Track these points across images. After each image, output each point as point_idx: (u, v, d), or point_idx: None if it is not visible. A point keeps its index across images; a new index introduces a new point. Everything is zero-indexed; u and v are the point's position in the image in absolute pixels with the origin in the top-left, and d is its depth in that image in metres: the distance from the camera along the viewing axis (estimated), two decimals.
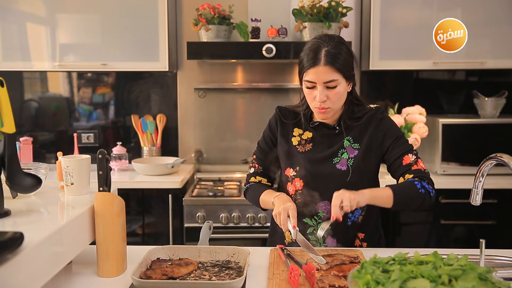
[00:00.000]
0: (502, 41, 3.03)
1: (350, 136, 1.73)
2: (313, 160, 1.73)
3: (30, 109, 3.45)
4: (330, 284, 1.33)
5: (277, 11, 3.12)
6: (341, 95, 1.67)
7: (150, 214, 2.96)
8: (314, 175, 1.72)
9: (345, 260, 1.51)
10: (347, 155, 1.71)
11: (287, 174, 1.77)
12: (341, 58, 1.63)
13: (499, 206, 2.84)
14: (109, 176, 1.45)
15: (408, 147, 1.72)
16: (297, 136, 1.79)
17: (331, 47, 1.63)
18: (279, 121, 1.82)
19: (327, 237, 1.73)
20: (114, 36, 3.07)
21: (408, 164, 1.68)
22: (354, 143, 1.73)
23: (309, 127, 1.78)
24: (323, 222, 1.60)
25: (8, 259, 0.98)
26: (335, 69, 1.62)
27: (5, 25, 3.07)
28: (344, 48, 1.66)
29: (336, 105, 1.68)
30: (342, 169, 1.70)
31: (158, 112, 3.38)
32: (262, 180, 1.86)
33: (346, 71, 1.64)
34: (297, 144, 1.78)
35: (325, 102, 1.64)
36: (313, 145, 1.76)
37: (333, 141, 1.74)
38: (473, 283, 0.94)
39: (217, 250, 1.56)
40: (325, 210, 1.70)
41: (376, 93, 3.36)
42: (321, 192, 1.70)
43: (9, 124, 1.23)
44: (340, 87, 1.64)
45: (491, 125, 3.00)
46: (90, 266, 1.51)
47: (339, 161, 1.72)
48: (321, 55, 1.62)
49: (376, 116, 1.75)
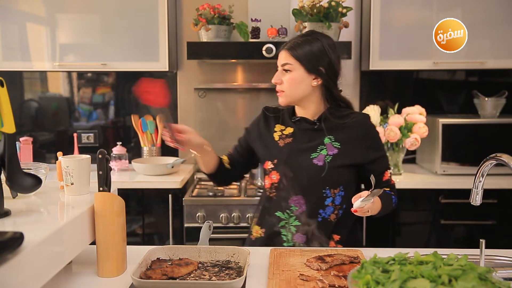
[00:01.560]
0: (502, 41, 3.03)
1: (332, 135, 1.78)
2: (291, 152, 1.79)
3: (30, 109, 3.45)
4: (330, 284, 1.33)
5: (277, 11, 3.12)
6: (296, 82, 1.75)
7: (150, 214, 2.96)
8: (290, 166, 1.77)
9: (345, 260, 1.51)
10: (326, 151, 1.76)
11: (265, 168, 1.83)
12: (305, 49, 1.74)
13: (499, 206, 2.84)
14: (109, 176, 1.45)
15: (388, 164, 1.86)
16: (279, 131, 1.85)
17: (301, 38, 1.77)
18: (263, 118, 1.91)
19: (296, 234, 1.76)
20: (114, 36, 3.07)
21: (387, 180, 1.82)
22: (335, 142, 1.77)
23: (291, 122, 1.85)
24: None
25: (8, 259, 0.98)
26: (292, 55, 1.74)
27: (5, 25, 3.07)
28: (317, 43, 1.75)
29: (290, 91, 1.76)
30: (318, 164, 1.74)
31: (158, 112, 3.38)
32: (224, 159, 1.95)
33: (306, 61, 1.73)
34: (278, 139, 1.84)
35: (281, 86, 1.77)
36: (293, 139, 1.82)
37: (313, 136, 1.80)
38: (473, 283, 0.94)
39: (217, 250, 1.56)
40: (298, 204, 1.75)
41: (376, 93, 3.36)
42: (295, 186, 1.75)
43: (9, 124, 1.23)
44: (295, 73, 1.74)
45: (491, 125, 3.00)
46: (90, 266, 1.51)
47: (316, 157, 1.76)
48: (288, 43, 1.78)
49: (365, 123, 1.82)
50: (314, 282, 1.36)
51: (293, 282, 1.37)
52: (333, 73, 1.78)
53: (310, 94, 1.78)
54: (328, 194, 1.75)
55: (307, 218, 1.74)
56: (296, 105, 1.84)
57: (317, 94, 1.79)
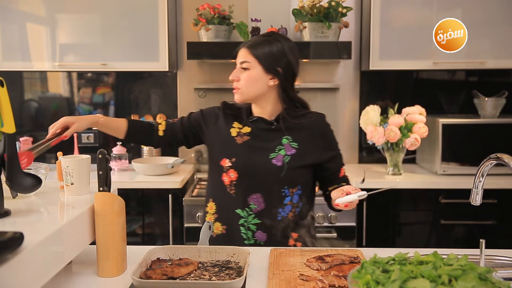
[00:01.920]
0: (502, 41, 3.03)
1: (290, 135, 1.81)
2: (250, 152, 1.80)
3: (30, 109, 3.45)
4: (330, 284, 1.33)
5: (277, 11, 3.12)
6: (252, 80, 1.78)
7: (150, 214, 2.96)
8: (249, 167, 1.78)
9: (345, 260, 1.51)
10: (284, 151, 1.79)
11: (222, 165, 1.82)
12: (264, 48, 1.76)
13: (499, 206, 2.84)
14: (109, 176, 1.45)
15: (342, 160, 1.90)
16: (236, 128, 1.86)
17: (261, 37, 1.80)
18: (223, 113, 1.91)
19: (257, 232, 1.78)
20: (114, 36, 3.07)
21: (343, 176, 1.88)
22: (293, 142, 1.80)
23: (248, 122, 1.86)
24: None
25: (8, 259, 0.98)
26: (250, 53, 1.77)
27: (5, 25, 3.07)
28: (277, 44, 1.78)
29: (247, 88, 1.79)
30: (277, 165, 1.77)
31: (158, 112, 3.38)
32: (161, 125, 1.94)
33: (264, 60, 1.76)
34: (235, 135, 1.84)
35: (238, 83, 1.80)
36: (251, 138, 1.82)
37: (271, 136, 1.82)
38: (473, 283, 0.94)
39: (217, 250, 1.56)
40: (257, 202, 1.77)
41: (376, 93, 3.36)
42: (254, 185, 1.77)
43: (9, 124, 1.23)
44: (252, 72, 1.77)
45: (491, 125, 3.00)
46: (90, 266, 1.51)
47: (275, 157, 1.78)
48: (248, 41, 1.80)
49: (322, 122, 1.87)
50: (314, 282, 1.36)
51: (293, 282, 1.37)
52: (291, 74, 1.81)
53: (266, 94, 1.81)
54: (286, 193, 1.79)
55: (266, 217, 1.77)
56: (252, 103, 1.87)
57: (273, 94, 1.82)
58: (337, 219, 2.81)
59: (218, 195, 1.85)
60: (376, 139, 2.94)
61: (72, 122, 1.75)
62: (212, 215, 1.86)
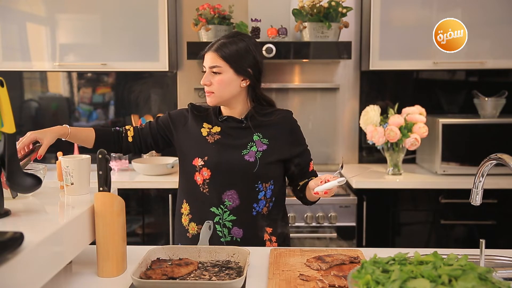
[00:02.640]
0: (502, 41, 3.03)
1: (260, 132, 1.83)
2: (222, 149, 1.81)
3: (30, 109, 3.45)
4: (330, 284, 1.33)
5: (277, 11, 3.13)
6: (225, 83, 1.77)
7: (150, 214, 2.96)
8: (223, 164, 1.79)
9: (345, 260, 1.51)
10: (256, 148, 1.81)
11: (194, 164, 1.82)
12: (231, 49, 1.76)
13: (499, 206, 2.84)
14: (109, 176, 1.45)
15: (310, 156, 1.93)
16: (206, 128, 1.86)
17: (226, 39, 1.79)
18: (191, 114, 1.89)
19: (233, 228, 1.78)
20: (114, 36, 3.07)
21: (313, 171, 1.92)
22: (263, 138, 1.83)
23: (218, 122, 1.86)
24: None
25: (8, 259, 0.98)
26: (220, 57, 1.76)
27: (5, 25, 3.07)
28: (242, 44, 1.78)
29: (220, 92, 1.78)
30: (250, 160, 1.79)
31: (158, 112, 3.38)
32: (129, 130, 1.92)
33: (234, 63, 1.76)
34: (206, 135, 1.85)
35: (210, 87, 1.78)
36: (222, 137, 1.84)
37: (241, 134, 1.83)
38: (473, 283, 0.94)
39: (217, 250, 1.56)
40: (231, 199, 1.78)
41: (376, 93, 3.37)
42: (228, 182, 1.79)
43: (9, 124, 1.23)
44: (224, 76, 1.76)
45: (491, 125, 3.00)
46: (90, 266, 1.51)
47: (247, 153, 1.80)
48: (214, 45, 1.79)
49: (289, 119, 1.89)
50: (314, 282, 1.36)
51: (293, 282, 1.37)
52: (259, 72, 1.82)
53: (238, 94, 1.82)
54: (260, 188, 1.81)
55: (242, 212, 1.78)
56: (223, 105, 1.87)
57: (243, 94, 1.84)
58: (337, 219, 2.81)
59: (192, 195, 1.84)
60: (376, 139, 2.94)
61: (40, 138, 1.68)
62: (186, 216, 1.86)
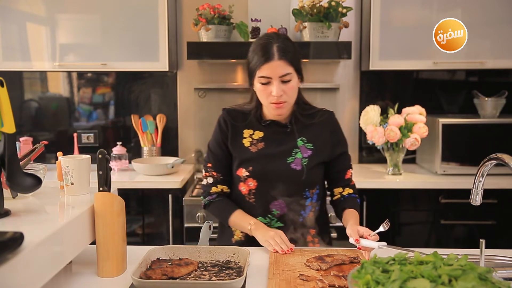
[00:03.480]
0: (502, 41, 3.03)
1: (304, 136, 1.78)
2: (266, 158, 1.76)
3: (30, 109, 3.45)
4: (330, 284, 1.33)
5: (277, 11, 3.12)
6: (295, 89, 1.73)
7: (150, 214, 2.96)
8: (268, 173, 1.75)
9: (345, 260, 1.51)
10: (301, 154, 1.76)
11: (239, 175, 1.78)
12: (291, 52, 1.70)
13: (499, 206, 2.84)
14: (109, 176, 1.45)
15: (350, 162, 1.87)
16: (248, 137, 1.80)
17: (280, 42, 1.70)
18: (230, 123, 1.81)
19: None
20: (114, 36, 3.07)
21: (348, 179, 1.85)
22: (308, 143, 1.78)
23: (260, 126, 1.80)
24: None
25: (8, 259, 0.98)
26: (289, 63, 1.68)
27: (5, 25, 3.07)
28: (291, 43, 1.74)
29: (291, 99, 1.74)
30: (296, 169, 1.75)
31: (158, 112, 3.38)
32: (223, 189, 1.85)
33: (297, 65, 1.71)
34: (249, 145, 1.78)
35: (281, 97, 1.68)
36: (265, 144, 1.78)
37: (285, 139, 1.78)
38: (473, 283, 0.94)
39: (217, 250, 1.56)
40: (279, 208, 1.75)
41: (376, 93, 3.36)
42: (275, 191, 1.75)
43: (9, 124, 1.23)
44: (293, 81, 1.71)
45: (491, 125, 3.00)
46: (90, 266, 1.51)
47: (293, 161, 1.75)
48: (274, 50, 1.67)
49: (332, 120, 1.84)
50: (314, 282, 1.36)
51: (293, 282, 1.37)
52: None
53: None
54: (307, 195, 1.78)
55: (289, 220, 1.76)
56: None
57: None
58: (337, 219, 2.80)
59: (239, 204, 1.81)
60: (376, 139, 2.94)
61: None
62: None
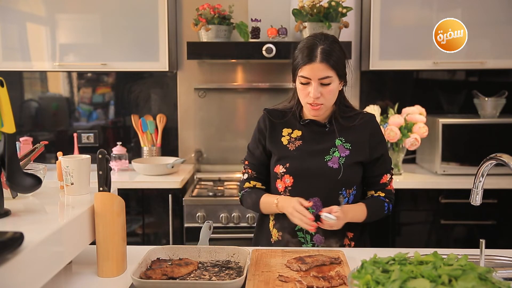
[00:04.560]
0: (502, 41, 3.03)
1: (342, 136, 1.77)
2: (303, 156, 1.76)
3: (30, 109, 3.45)
4: (308, 285, 1.32)
5: (277, 11, 3.12)
6: (334, 93, 1.71)
7: (150, 214, 2.96)
8: (305, 170, 1.75)
9: (325, 261, 1.49)
10: (338, 153, 1.76)
11: (276, 171, 1.80)
12: (335, 56, 1.68)
13: (499, 206, 2.84)
14: (109, 176, 1.45)
15: (389, 167, 1.84)
16: (287, 135, 1.81)
17: (326, 45, 1.68)
18: (269, 122, 1.84)
19: (315, 235, 1.75)
20: (114, 36, 3.07)
21: (384, 183, 1.82)
22: (346, 143, 1.77)
23: (299, 125, 1.81)
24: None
25: (8, 259, 0.98)
26: (330, 66, 1.67)
27: (5, 25, 3.07)
28: (338, 47, 1.72)
29: (329, 102, 1.72)
30: (333, 167, 1.74)
31: (158, 112, 3.38)
32: (256, 185, 1.87)
33: (339, 69, 1.70)
34: (287, 143, 1.80)
35: (318, 99, 1.69)
36: (303, 142, 1.79)
37: (323, 138, 1.78)
38: (473, 283, 0.94)
39: (217, 250, 1.56)
40: (315, 207, 1.73)
41: (376, 93, 3.36)
42: (311, 189, 1.74)
43: (9, 124, 1.23)
44: (333, 85, 1.69)
45: (491, 125, 3.00)
46: (90, 266, 1.51)
47: (330, 159, 1.75)
48: (317, 52, 1.67)
49: (372, 123, 1.82)
50: (293, 283, 1.35)
51: (272, 283, 1.36)
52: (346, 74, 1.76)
53: None
54: (344, 194, 1.76)
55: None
56: None
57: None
58: None
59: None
60: None
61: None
62: (272, 220, 1.84)
